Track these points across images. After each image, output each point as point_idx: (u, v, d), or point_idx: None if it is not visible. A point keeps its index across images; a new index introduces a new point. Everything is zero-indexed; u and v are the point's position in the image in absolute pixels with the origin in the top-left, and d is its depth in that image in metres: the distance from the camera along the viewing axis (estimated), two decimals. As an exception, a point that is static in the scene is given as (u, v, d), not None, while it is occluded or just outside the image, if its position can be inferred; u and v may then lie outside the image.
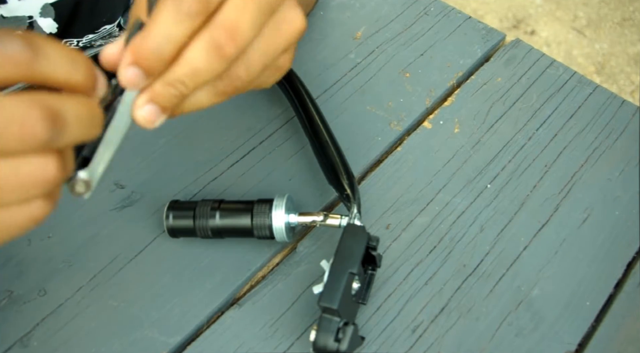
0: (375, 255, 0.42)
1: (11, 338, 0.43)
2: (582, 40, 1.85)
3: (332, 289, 0.38)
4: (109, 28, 0.54)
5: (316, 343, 0.38)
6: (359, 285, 0.41)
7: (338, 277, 0.38)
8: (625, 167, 0.55)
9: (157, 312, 0.45)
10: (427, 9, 0.66)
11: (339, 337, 0.38)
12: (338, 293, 0.37)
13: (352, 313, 0.41)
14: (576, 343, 0.46)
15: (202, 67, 0.27)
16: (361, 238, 0.40)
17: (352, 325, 0.38)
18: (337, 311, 0.37)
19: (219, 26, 0.26)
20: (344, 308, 0.38)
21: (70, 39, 0.52)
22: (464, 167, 0.54)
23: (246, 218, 0.44)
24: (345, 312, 0.39)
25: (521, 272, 0.49)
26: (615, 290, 0.49)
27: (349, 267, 0.38)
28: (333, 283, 0.38)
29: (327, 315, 0.38)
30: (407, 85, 0.60)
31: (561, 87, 0.61)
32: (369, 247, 0.41)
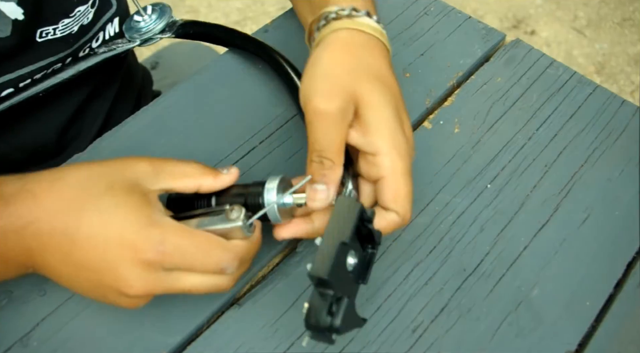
0: (373, 230, 0.39)
1: (11, 338, 0.43)
2: (582, 40, 1.85)
3: (323, 259, 0.35)
4: (84, 9, 0.53)
5: (308, 318, 0.35)
6: (355, 260, 0.38)
7: (329, 248, 0.35)
8: (625, 167, 0.55)
9: (157, 312, 0.45)
10: (427, 9, 0.66)
11: (332, 310, 0.35)
12: (328, 262, 0.35)
13: (351, 291, 0.39)
14: (576, 343, 0.46)
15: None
16: (353, 209, 0.37)
17: (346, 299, 0.35)
18: (328, 281, 0.34)
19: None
20: (337, 281, 0.35)
21: (46, 28, 0.51)
22: (464, 167, 0.54)
23: (240, 200, 0.42)
24: (340, 287, 0.36)
25: (521, 272, 0.49)
26: (615, 290, 0.49)
27: (340, 238, 0.36)
28: (324, 254, 0.35)
29: (320, 289, 0.35)
30: (407, 85, 0.60)
31: (561, 87, 0.61)
32: (364, 220, 0.38)
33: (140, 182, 0.36)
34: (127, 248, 0.34)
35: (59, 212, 0.35)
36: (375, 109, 0.40)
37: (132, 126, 0.55)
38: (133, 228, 0.34)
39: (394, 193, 0.40)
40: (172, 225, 0.36)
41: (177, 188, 0.39)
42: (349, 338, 0.45)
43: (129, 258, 0.34)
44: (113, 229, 0.34)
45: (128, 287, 0.35)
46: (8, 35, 0.48)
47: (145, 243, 0.34)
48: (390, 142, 0.40)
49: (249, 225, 0.39)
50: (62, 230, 0.35)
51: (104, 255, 0.35)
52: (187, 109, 0.57)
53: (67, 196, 0.35)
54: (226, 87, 0.58)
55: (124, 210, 0.35)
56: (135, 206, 0.35)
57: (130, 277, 0.35)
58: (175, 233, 0.35)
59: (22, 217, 0.35)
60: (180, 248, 0.35)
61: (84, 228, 0.34)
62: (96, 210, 0.35)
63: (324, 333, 0.35)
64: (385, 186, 0.41)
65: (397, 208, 0.41)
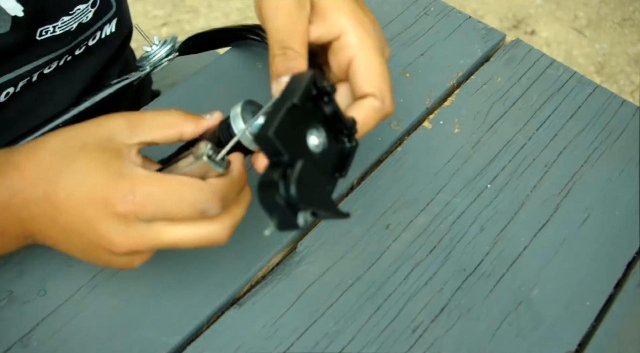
0: (338, 111, 0.35)
1: (11, 338, 0.43)
2: (582, 40, 1.85)
3: (271, 118, 0.31)
4: (83, 8, 0.53)
5: (261, 197, 0.30)
6: (321, 141, 0.34)
7: (277, 110, 0.31)
8: (625, 167, 0.55)
9: (157, 312, 0.45)
10: (427, 9, 0.66)
11: (286, 174, 0.30)
12: (275, 120, 0.30)
13: (322, 182, 0.35)
14: (576, 343, 0.46)
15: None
16: (304, 76, 0.33)
17: (300, 162, 0.30)
18: (269, 139, 0.30)
19: None
20: (289, 145, 0.31)
21: (46, 26, 0.51)
22: (464, 167, 0.54)
23: (215, 139, 0.39)
24: (293, 152, 0.31)
25: (521, 272, 0.49)
26: (615, 290, 0.49)
27: (288, 100, 0.32)
28: (272, 115, 0.31)
29: (273, 160, 0.31)
30: (407, 85, 0.60)
31: (561, 87, 0.61)
32: (322, 92, 0.34)
33: (114, 137, 0.36)
34: (100, 204, 0.34)
35: (39, 179, 0.35)
36: None
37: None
38: (102, 183, 0.34)
39: (367, 70, 0.37)
40: (142, 175, 0.34)
41: (157, 139, 0.37)
42: (349, 338, 0.45)
43: (103, 214, 0.34)
44: (86, 187, 0.34)
45: (111, 244, 0.34)
46: (7, 31, 0.48)
47: (114, 195, 0.33)
48: (353, 19, 0.38)
49: (220, 160, 0.36)
50: (44, 197, 0.35)
51: (83, 215, 0.34)
52: (186, 109, 0.56)
53: (46, 163, 0.35)
54: (226, 87, 0.58)
55: (94, 168, 0.34)
56: (106, 161, 0.34)
57: (109, 233, 0.34)
58: (144, 181, 0.34)
59: (8, 188, 0.35)
60: (151, 196, 0.34)
61: (61, 192, 0.35)
62: (70, 172, 0.35)
63: (285, 214, 0.30)
64: (356, 66, 0.38)
65: (372, 89, 0.37)
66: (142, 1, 1.81)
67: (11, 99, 0.54)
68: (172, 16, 1.79)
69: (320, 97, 0.34)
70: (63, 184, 0.35)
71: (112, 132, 0.36)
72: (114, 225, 0.34)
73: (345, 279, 0.48)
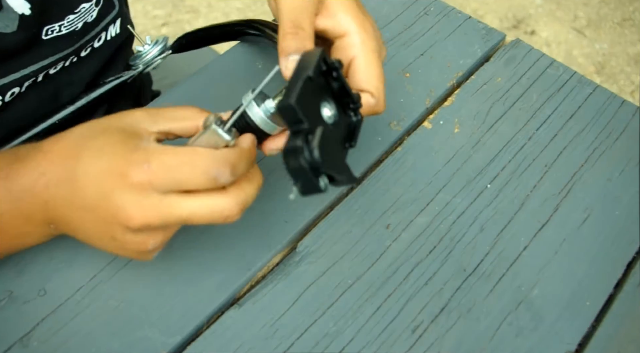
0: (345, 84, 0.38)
1: (11, 338, 0.43)
2: (582, 40, 1.85)
3: (290, 91, 0.33)
4: (88, 6, 0.54)
5: (287, 162, 0.33)
6: (333, 112, 0.37)
7: (294, 83, 0.34)
8: (625, 167, 0.55)
9: (157, 312, 0.45)
10: (427, 9, 0.66)
11: (309, 142, 0.32)
12: (295, 92, 0.33)
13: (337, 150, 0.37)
14: (576, 343, 0.46)
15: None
16: (315, 53, 0.36)
17: (320, 128, 0.33)
18: (295, 109, 0.32)
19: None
20: (308, 113, 0.33)
21: (52, 25, 0.52)
22: (464, 167, 0.54)
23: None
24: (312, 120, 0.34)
25: (521, 272, 0.49)
26: (615, 290, 0.49)
27: (304, 73, 0.34)
28: (290, 88, 0.34)
29: (293, 128, 0.33)
30: (407, 85, 0.60)
31: (561, 87, 0.61)
32: (330, 67, 0.37)
33: (135, 124, 0.38)
34: (117, 175, 0.35)
35: (61, 159, 0.37)
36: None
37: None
38: (120, 156, 0.35)
39: (366, 70, 0.41)
40: (157, 147, 0.36)
41: (175, 130, 0.39)
42: (349, 338, 0.45)
43: (120, 185, 0.35)
44: (103, 162, 0.35)
45: (126, 216, 0.35)
46: (14, 30, 0.48)
47: (131, 166, 0.35)
48: (357, 22, 0.42)
49: (227, 130, 0.38)
50: (65, 177, 0.36)
51: (99, 189, 0.35)
52: (187, 108, 0.57)
53: (69, 145, 0.37)
54: (226, 87, 0.58)
55: (113, 145, 0.36)
56: (124, 139, 0.36)
57: (124, 204, 0.35)
58: (159, 152, 0.36)
59: (33, 171, 0.37)
60: (165, 164, 0.35)
61: (79, 169, 0.36)
62: (89, 150, 0.36)
63: (309, 178, 0.33)
64: (356, 65, 0.41)
65: (370, 87, 0.41)
66: (142, 1, 1.81)
67: (16, 98, 0.54)
68: (172, 16, 1.79)
69: (329, 72, 0.37)
70: (82, 161, 0.36)
71: (134, 120, 0.38)
72: (129, 195, 0.35)
73: (345, 279, 0.48)
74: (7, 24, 0.48)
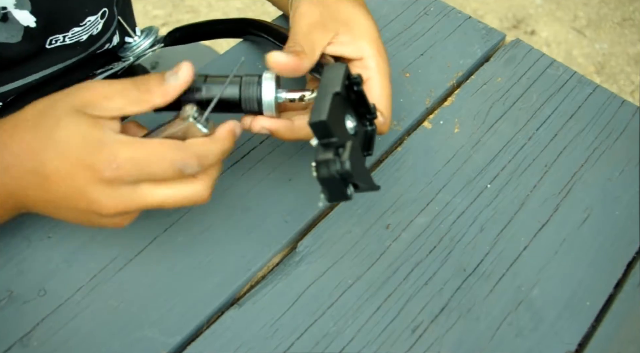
0: (365, 97, 0.40)
1: (11, 338, 0.43)
2: (582, 40, 1.85)
3: (319, 107, 0.36)
4: (93, 19, 0.54)
5: (318, 172, 0.35)
6: (354, 125, 0.39)
7: (323, 98, 0.36)
8: (625, 167, 0.55)
9: (157, 312, 0.45)
10: (427, 9, 0.66)
11: (339, 155, 0.35)
12: (325, 107, 0.35)
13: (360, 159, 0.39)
14: (576, 343, 0.46)
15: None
16: (339, 69, 0.38)
17: (350, 141, 0.36)
18: (327, 124, 0.35)
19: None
20: (337, 127, 0.36)
21: (56, 36, 0.52)
22: (464, 167, 0.54)
23: (234, 89, 0.42)
24: (340, 135, 0.37)
25: (521, 272, 0.49)
26: (615, 290, 0.49)
27: (331, 89, 0.37)
28: (319, 104, 0.36)
29: (323, 141, 0.36)
30: (407, 85, 0.60)
31: (561, 87, 0.61)
32: (352, 82, 0.39)
33: (88, 109, 0.37)
34: (87, 171, 0.36)
35: (25, 153, 0.37)
36: (358, 20, 0.46)
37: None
38: (87, 152, 0.36)
39: (379, 91, 0.45)
40: (122, 141, 0.37)
41: (129, 112, 0.39)
42: (349, 338, 0.45)
43: (91, 180, 0.36)
44: (72, 158, 0.36)
45: (101, 207, 0.37)
46: (19, 41, 0.49)
47: (98, 163, 0.36)
48: (374, 46, 0.45)
49: (204, 121, 0.39)
50: (33, 170, 0.37)
51: (72, 183, 0.37)
52: (187, 108, 0.57)
53: (28, 138, 0.37)
54: (226, 87, 0.58)
55: (75, 138, 0.36)
56: (85, 132, 0.36)
57: (99, 197, 0.37)
58: (126, 147, 0.36)
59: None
60: (133, 159, 0.36)
61: (48, 164, 0.37)
62: (53, 145, 0.37)
63: (338, 187, 0.35)
64: (370, 86, 0.44)
65: (380, 107, 0.44)
66: (142, 1, 1.81)
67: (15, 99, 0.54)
68: (172, 16, 1.79)
69: (351, 86, 0.40)
70: (49, 157, 0.37)
71: (86, 104, 0.37)
72: (102, 190, 0.36)
73: (345, 279, 0.48)
74: (12, 35, 0.48)
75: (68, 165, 0.36)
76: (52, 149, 0.37)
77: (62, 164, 0.37)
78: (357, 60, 0.45)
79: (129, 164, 0.36)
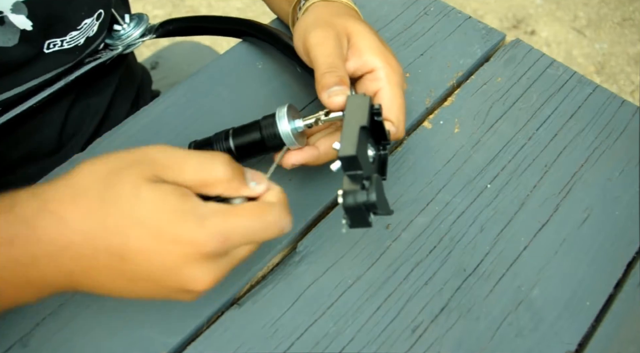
0: (383, 125, 0.42)
1: (11, 338, 0.43)
2: (582, 40, 1.85)
3: (348, 141, 0.38)
4: (90, 22, 0.54)
5: (345, 201, 0.37)
6: (374, 153, 0.42)
7: (351, 131, 0.39)
8: (625, 167, 0.55)
9: (157, 312, 0.45)
10: (427, 9, 0.66)
11: (365, 187, 0.37)
12: (354, 141, 0.38)
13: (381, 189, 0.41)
14: (576, 343, 0.46)
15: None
16: (364, 101, 0.41)
17: (375, 174, 0.38)
18: (356, 158, 0.37)
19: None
20: (364, 161, 0.39)
21: (54, 39, 0.52)
22: (464, 167, 0.54)
23: (256, 133, 0.46)
24: (366, 167, 0.39)
25: (521, 272, 0.49)
26: (615, 290, 0.49)
27: (359, 123, 0.39)
28: (347, 137, 0.38)
29: (350, 172, 0.38)
30: (407, 85, 0.60)
31: (561, 87, 0.61)
32: (374, 112, 0.41)
33: (165, 177, 0.34)
34: (189, 246, 0.32)
35: (95, 231, 0.33)
36: (364, 36, 0.46)
37: (131, 126, 0.55)
38: (187, 227, 0.32)
39: (390, 102, 0.45)
40: (220, 210, 0.34)
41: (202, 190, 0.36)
42: (349, 338, 0.45)
43: (193, 256, 0.33)
44: (164, 237, 0.32)
45: (197, 283, 0.34)
46: (16, 43, 0.49)
47: (204, 236, 0.32)
48: (383, 58, 0.46)
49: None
50: (107, 249, 0.33)
51: (163, 264, 0.33)
52: (186, 109, 0.57)
53: (95, 211, 0.33)
54: (226, 87, 0.58)
55: (164, 213, 0.32)
56: (175, 205, 0.33)
57: (197, 274, 0.33)
58: (226, 217, 0.33)
59: (55, 242, 0.32)
60: (238, 230, 0.34)
61: (132, 244, 0.32)
62: (136, 222, 0.32)
63: (362, 215, 0.37)
64: (380, 97, 0.45)
65: (391, 116, 0.45)
66: (142, 1, 1.81)
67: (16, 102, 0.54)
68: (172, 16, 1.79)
69: (371, 115, 0.41)
70: (133, 235, 0.32)
71: (162, 169, 0.34)
72: (203, 265, 0.33)
73: (345, 279, 0.48)
74: (8, 38, 0.48)
75: (160, 244, 0.32)
76: (136, 227, 0.32)
77: (152, 243, 0.32)
78: (367, 72, 0.46)
79: (235, 233, 0.33)
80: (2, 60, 0.49)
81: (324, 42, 0.45)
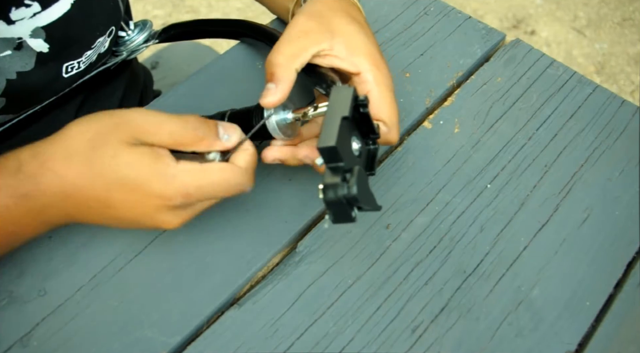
0: (369, 117, 0.41)
1: (11, 338, 0.43)
2: (582, 40, 1.85)
3: (328, 132, 0.36)
4: (102, 40, 0.55)
5: (325, 195, 0.36)
6: (359, 146, 0.40)
7: (332, 123, 0.37)
8: (625, 167, 0.55)
9: (157, 312, 0.45)
10: (427, 9, 0.66)
11: (346, 180, 0.36)
12: (334, 132, 0.36)
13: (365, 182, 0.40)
14: (576, 343, 0.46)
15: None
16: (347, 92, 0.39)
17: (357, 167, 0.36)
18: (336, 149, 0.36)
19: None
20: (345, 152, 0.37)
21: (72, 62, 0.53)
22: (464, 167, 0.54)
23: (248, 120, 0.46)
24: (348, 159, 0.38)
25: (521, 272, 0.49)
26: (615, 290, 0.49)
27: (340, 113, 0.38)
28: (328, 128, 0.37)
29: (331, 165, 0.37)
30: (407, 85, 0.60)
31: (561, 87, 0.61)
32: (359, 104, 0.40)
33: (143, 139, 0.39)
34: (158, 200, 0.39)
35: (87, 188, 0.39)
36: (354, 37, 0.46)
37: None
38: (156, 184, 0.39)
39: (379, 102, 0.45)
40: (188, 170, 0.39)
41: (178, 146, 0.41)
42: (349, 338, 0.45)
43: (162, 207, 0.40)
44: (140, 191, 0.39)
45: (167, 225, 0.41)
46: (33, 67, 0.49)
47: (170, 192, 0.39)
48: (370, 59, 0.46)
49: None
50: (96, 199, 0.40)
51: (141, 210, 0.40)
52: (187, 108, 0.57)
53: (87, 173, 0.39)
54: (226, 86, 0.58)
55: (141, 173, 0.39)
56: (150, 165, 0.39)
57: (166, 219, 0.40)
58: (193, 175, 0.39)
59: (57, 194, 0.39)
60: (203, 187, 0.40)
61: (115, 195, 0.39)
62: (118, 182, 0.39)
63: (344, 209, 0.36)
64: (370, 98, 0.45)
65: (383, 117, 0.45)
66: (142, 1, 1.81)
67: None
68: (172, 16, 1.79)
69: (357, 107, 0.40)
70: (115, 188, 0.39)
71: (140, 133, 0.39)
72: (169, 213, 0.40)
73: (345, 279, 0.48)
74: (26, 63, 0.49)
75: (136, 197, 0.39)
76: (118, 185, 0.39)
77: (130, 196, 0.39)
78: (354, 74, 0.46)
79: (199, 191, 0.39)
80: (23, 84, 0.50)
81: (299, 23, 0.45)
